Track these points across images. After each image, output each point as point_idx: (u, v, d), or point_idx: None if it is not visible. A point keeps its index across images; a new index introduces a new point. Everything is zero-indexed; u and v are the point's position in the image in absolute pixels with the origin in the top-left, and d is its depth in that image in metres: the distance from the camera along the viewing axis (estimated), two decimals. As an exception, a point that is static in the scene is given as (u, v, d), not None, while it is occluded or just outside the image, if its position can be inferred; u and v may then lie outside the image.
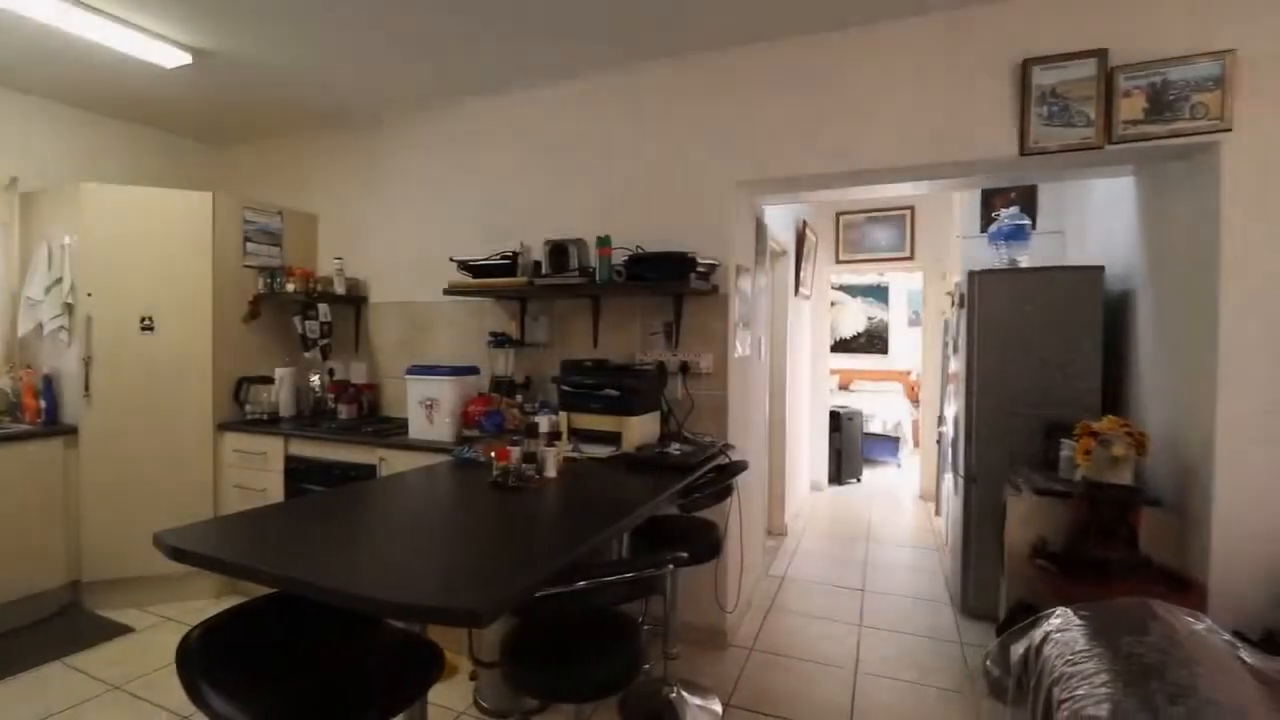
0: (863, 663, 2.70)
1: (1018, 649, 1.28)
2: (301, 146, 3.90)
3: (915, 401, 7.14)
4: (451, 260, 3.07)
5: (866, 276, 8.30)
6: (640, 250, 2.69)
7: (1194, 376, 2.28)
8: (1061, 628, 1.21)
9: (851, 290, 8.82)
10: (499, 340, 3.08)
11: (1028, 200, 4.13)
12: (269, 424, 3.29)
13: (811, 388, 5.65)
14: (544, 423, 2.19)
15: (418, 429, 2.90)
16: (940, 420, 4.32)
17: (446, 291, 3.01)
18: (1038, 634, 1.24)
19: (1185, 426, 2.34)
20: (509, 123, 3.26)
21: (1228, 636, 1.23)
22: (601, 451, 2.43)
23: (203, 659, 1.19)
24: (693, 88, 2.86)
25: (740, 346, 2.97)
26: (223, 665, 1.21)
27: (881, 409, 7.02)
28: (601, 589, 1.43)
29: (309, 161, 3.88)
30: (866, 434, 6.54)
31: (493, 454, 2.04)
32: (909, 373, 8.16)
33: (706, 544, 2.22)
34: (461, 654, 2.34)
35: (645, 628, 2.49)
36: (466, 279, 3.00)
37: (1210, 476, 2.16)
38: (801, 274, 4.99)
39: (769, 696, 2.44)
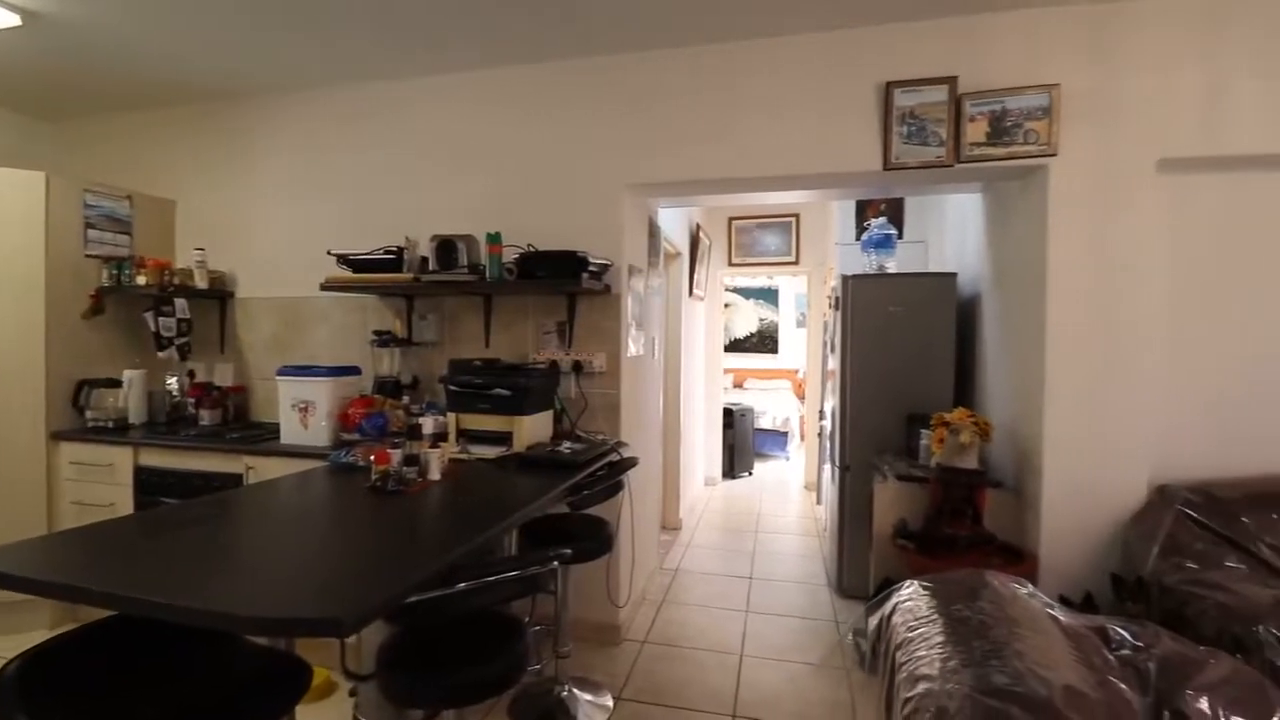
0: (748, 647, 2.83)
1: (874, 621, 1.39)
2: (155, 126, 3.53)
3: (802, 398, 7.55)
4: (330, 254, 2.90)
5: (758, 279, 8.69)
6: (532, 248, 2.67)
7: (1027, 372, 2.58)
8: (908, 598, 1.34)
9: (745, 293, 9.19)
10: (384, 339, 2.95)
11: (895, 212, 4.50)
12: (115, 432, 2.95)
13: (706, 386, 5.83)
14: (429, 424, 2.12)
15: (290, 434, 2.71)
16: (821, 415, 4.61)
17: (324, 286, 2.84)
18: (889, 606, 1.36)
19: (1021, 416, 2.65)
20: (396, 111, 3.12)
21: (1045, 599, 1.41)
22: (491, 452, 2.39)
23: (21, 689, 1.06)
24: (588, 89, 2.87)
25: (633, 346, 3.02)
26: (48, 695, 1.08)
27: (772, 406, 7.38)
28: (483, 590, 1.41)
29: (164, 143, 3.52)
30: (758, 429, 6.85)
31: (371, 457, 1.95)
32: (797, 371, 8.62)
33: (597, 540, 2.24)
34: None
35: (537, 628, 2.50)
36: (347, 274, 2.85)
37: (1040, 461, 2.46)
38: (696, 276, 5.15)
39: (660, 687, 2.51)
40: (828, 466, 4.00)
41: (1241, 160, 2.32)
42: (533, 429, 2.48)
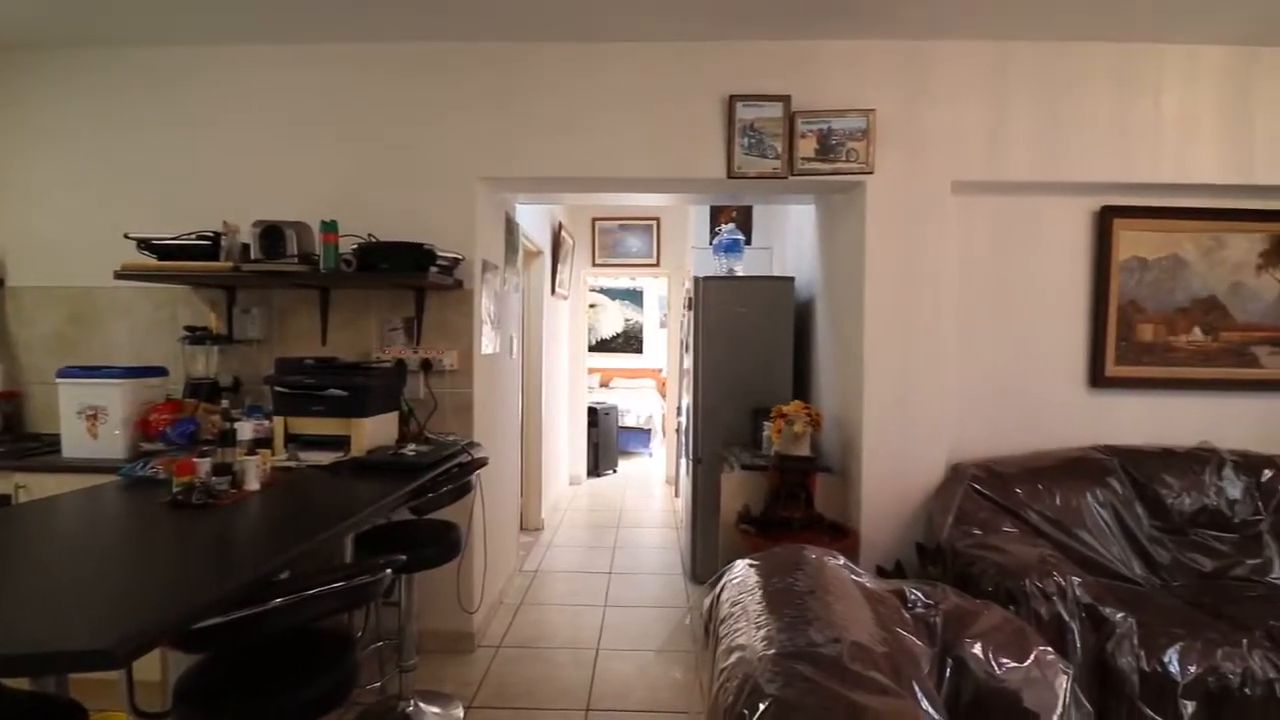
0: (605, 641, 2.87)
1: (707, 602, 1.47)
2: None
3: (665, 396, 7.80)
4: (129, 238, 2.52)
5: (622, 280, 8.83)
6: (373, 239, 2.51)
7: (850, 368, 2.86)
8: (737, 576, 1.43)
9: (611, 293, 9.31)
10: (197, 336, 2.62)
11: (745, 219, 4.79)
12: None
13: (570, 385, 5.83)
14: (246, 429, 1.91)
15: (74, 445, 2.33)
16: (679, 411, 4.79)
17: (119, 275, 2.46)
18: (720, 585, 1.44)
19: (846, 407, 2.92)
20: (219, 80, 2.77)
21: (855, 568, 1.56)
22: (325, 458, 2.21)
23: None
24: (442, 75, 2.74)
25: (488, 344, 2.95)
26: None
27: (636, 404, 7.55)
28: (301, 605, 1.30)
29: (-102, 94, 2.87)
30: (622, 427, 6.97)
31: (174, 468, 1.72)
32: (660, 370, 8.88)
33: (444, 545, 2.16)
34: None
35: (380, 643, 2.36)
36: (150, 261, 2.50)
37: (860, 447, 2.73)
38: (558, 275, 5.13)
39: (514, 691, 2.46)
40: (684, 460, 4.16)
41: (1014, 185, 2.73)
42: (374, 432, 2.33)
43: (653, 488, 6.02)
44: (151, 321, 2.79)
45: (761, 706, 0.78)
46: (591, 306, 9.03)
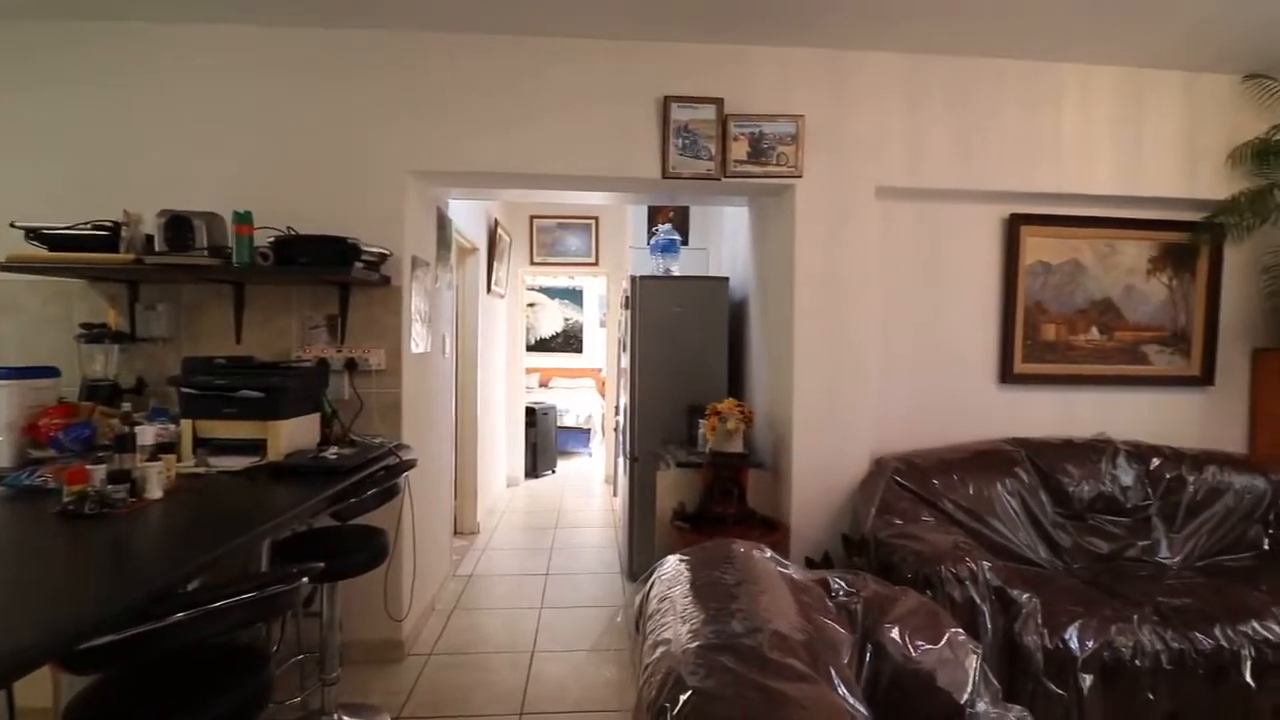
0: (540, 643, 2.84)
1: (638, 599, 1.47)
2: None
3: (605, 395, 7.80)
4: (15, 226, 2.31)
5: (561, 279, 8.77)
6: (292, 232, 2.39)
7: (781, 366, 2.93)
8: (667, 572, 1.44)
9: (550, 292, 9.23)
10: (95, 334, 2.43)
11: (682, 220, 4.84)
12: None
13: (508, 385, 5.74)
14: (148, 433, 1.78)
15: (-52, 453, 2.11)
16: (617, 410, 4.79)
17: (5, 267, 2.25)
18: (650, 581, 1.44)
19: (778, 404, 2.99)
20: (120, 57, 2.57)
21: (781, 560, 1.60)
22: (238, 463, 2.08)
23: None
24: (372, 63, 2.63)
25: (419, 342, 2.86)
26: None
27: (576, 404, 7.51)
28: (204, 620, 1.22)
29: None
30: (561, 427, 6.92)
31: (64, 476, 1.59)
32: (600, 370, 8.87)
33: (369, 552, 2.08)
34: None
35: (302, 656, 2.25)
36: (40, 252, 2.29)
37: (790, 443, 2.81)
38: (495, 273, 5.04)
39: (445, 698, 2.40)
40: (622, 459, 4.16)
41: (933, 192, 2.87)
42: (293, 435, 2.22)
43: (592, 487, 6.00)
44: (42, 318, 2.57)
45: (682, 698, 0.79)
46: (530, 305, 8.93)
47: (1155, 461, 2.75)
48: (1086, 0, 2.36)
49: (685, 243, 4.82)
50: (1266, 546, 2.66)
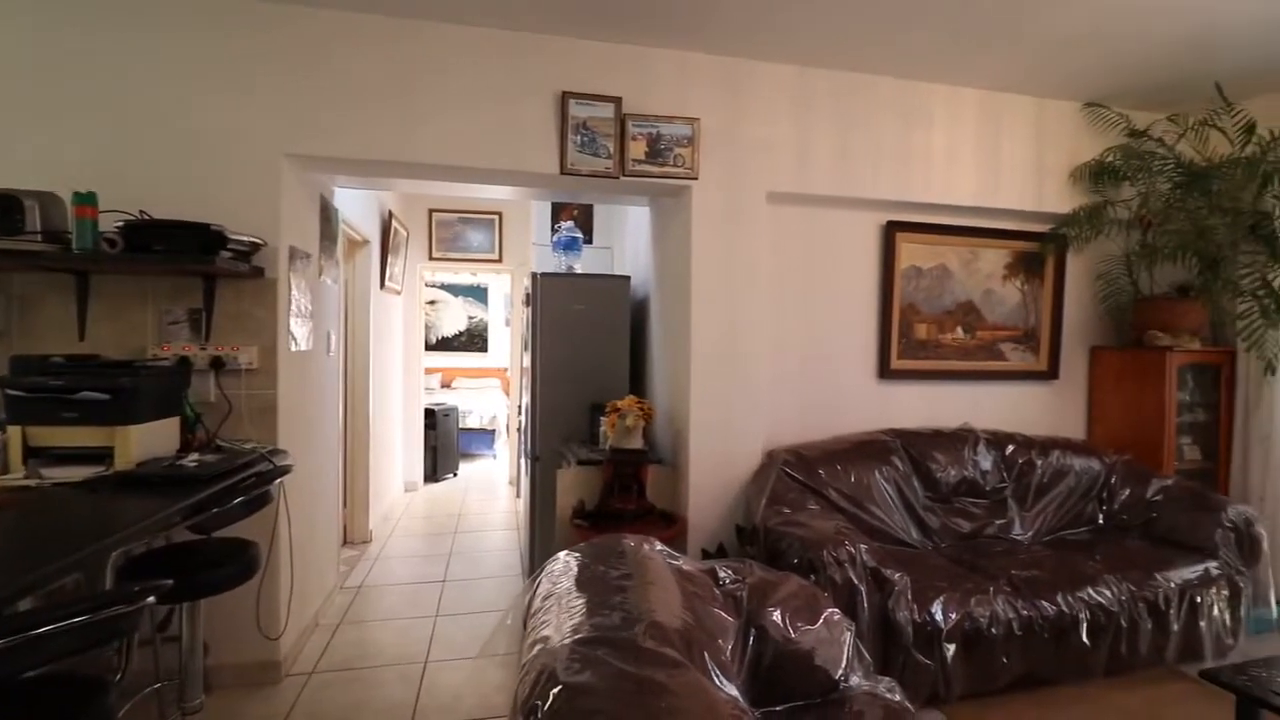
0: (435, 653, 2.73)
1: (527, 598, 1.44)
2: None
3: (510, 395, 7.65)
4: None
5: (464, 276, 8.51)
6: (146, 216, 2.16)
7: (679, 363, 2.99)
8: (556, 569, 1.42)
9: (453, 289, 8.94)
10: (-107, 328, 2.09)
11: (586, 218, 4.83)
12: None
13: (405, 386, 5.50)
14: (-42, 441, 1.55)
15: None
16: (519, 410, 4.71)
17: None
18: (538, 579, 1.42)
19: (677, 401, 3.05)
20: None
21: (670, 552, 1.63)
22: (79, 474, 1.85)
23: None
24: (247, 34, 2.42)
25: (300, 340, 2.67)
26: None
27: (480, 404, 7.32)
28: (24, 650, 1.07)
29: None
30: (464, 429, 6.71)
31: None
32: (506, 370, 8.69)
33: (237, 567, 1.91)
34: None
35: (160, 684, 2.03)
36: None
37: (688, 438, 2.87)
38: (390, 267, 4.81)
39: (328, 718, 2.25)
40: (524, 459, 4.09)
41: (819, 198, 3.03)
42: (147, 441, 2.00)
43: (496, 490, 5.86)
44: None
45: (553, 693, 0.78)
46: (431, 303, 8.62)
47: (1010, 448, 3.04)
48: (949, 28, 2.58)
49: (589, 241, 4.81)
50: (1100, 521, 3.01)
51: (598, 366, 3.53)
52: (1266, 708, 1.62)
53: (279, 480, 2.19)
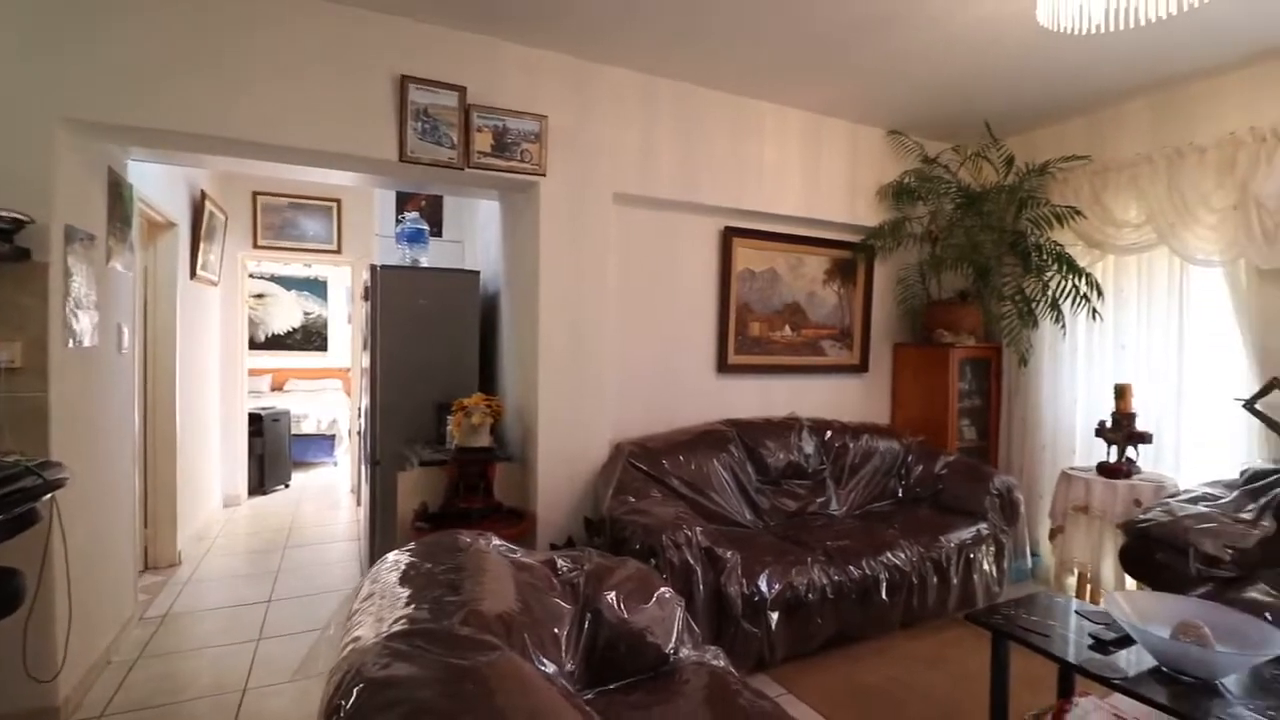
0: (256, 678, 2.49)
1: (352, 604, 1.38)
2: None
3: (353, 397, 7.13)
4: None
5: (297, 268, 7.80)
6: None
7: (528, 359, 2.99)
8: (382, 570, 1.37)
9: (286, 282, 8.15)
10: None
11: (435, 209, 4.65)
12: None
13: (224, 389, 4.93)
14: None
15: None
16: (360, 413, 4.42)
17: None
18: (363, 582, 1.37)
19: (525, 397, 3.04)
20: None
21: (510, 545, 1.64)
22: None
23: None
24: None
25: (80, 334, 2.31)
26: None
27: (318, 408, 6.76)
28: None
29: None
30: (299, 435, 6.17)
31: None
32: (348, 370, 8.09)
33: (-10, 599, 1.62)
34: None
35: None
36: None
37: (537, 434, 2.88)
38: (204, 255, 4.28)
39: (118, 764, 1.98)
40: (365, 465, 3.85)
41: (663, 202, 3.17)
42: None
43: (337, 499, 5.44)
44: None
45: (355, 691, 0.76)
46: (258, 297, 7.81)
47: (829, 433, 3.40)
48: (774, 54, 2.82)
49: (439, 234, 4.65)
50: (900, 494, 3.46)
51: (445, 364, 3.43)
52: (1013, 639, 1.97)
53: (49, 496, 1.88)
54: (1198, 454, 3.06)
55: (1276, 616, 1.99)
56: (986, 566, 3.03)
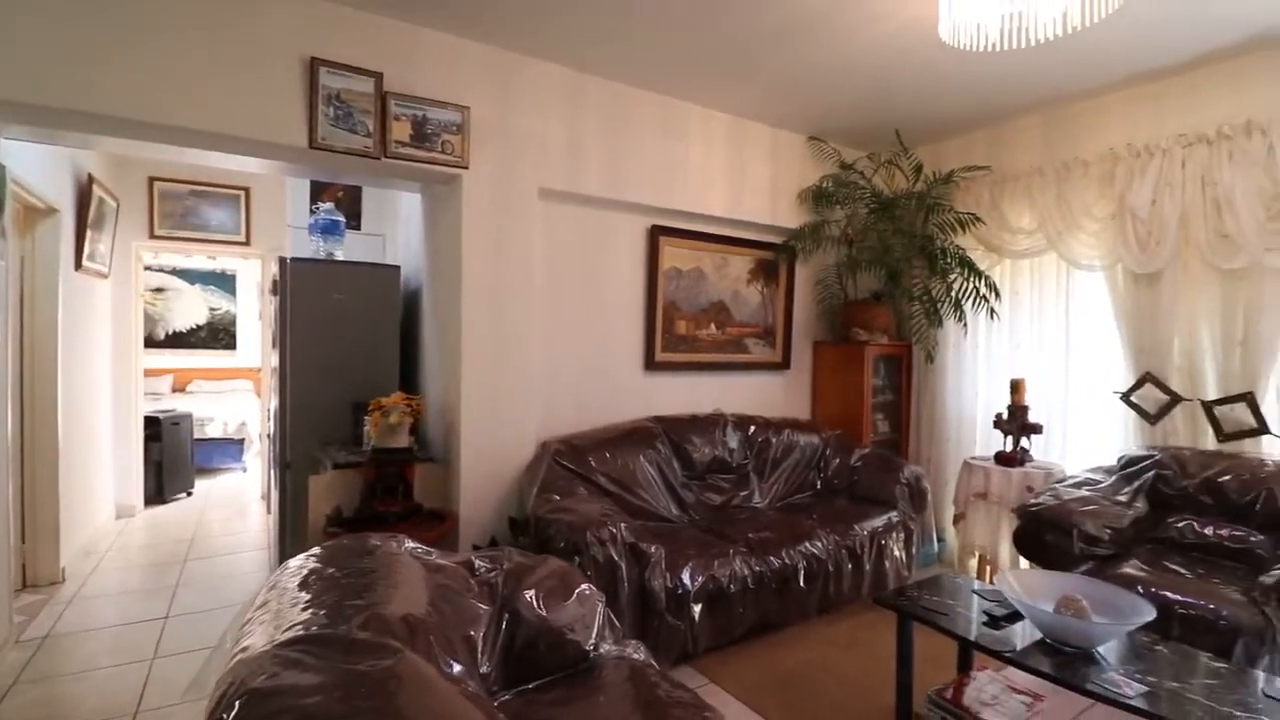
0: (149, 701, 2.31)
1: (247, 614, 1.30)
2: None
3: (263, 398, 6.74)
4: None
5: (201, 260, 7.30)
6: None
7: (451, 358, 2.91)
8: (281, 577, 1.30)
9: (189, 276, 7.60)
10: None
11: (354, 201, 4.46)
12: None
13: (116, 391, 4.54)
14: None
15: None
16: (270, 415, 4.18)
17: None
18: (260, 589, 1.29)
19: (448, 395, 2.97)
20: None
21: (424, 548, 1.59)
22: None
23: None
24: None
25: (-67, 329, 2.07)
26: None
27: (224, 410, 6.34)
28: None
29: None
30: (202, 439, 5.77)
31: None
32: (260, 370, 7.64)
33: None
34: None
35: None
36: None
37: (459, 433, 2.81)
38: (92, 244, 3.93)
39: (-18, 804, 1.79)
40: (274, 469, 3.65)
41: (590, 199, 3.16)
42: None
43: (245, 507, 5.12)
44: None
45: (238, 704, 0.72)
46: (157, 291, 7.26)
47: (752, 429, 3.48)
48: (693, 56, 2.86)
49: (357, 226, 4.46)
50: (819, 486, 3.59)
51: (363, 363, 3.29)
52: (916, 620, 2.08)
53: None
54: (1083, 442, 3.34)
55: (1146, 589, 2.20)
56: (897, 552, 3.19)
